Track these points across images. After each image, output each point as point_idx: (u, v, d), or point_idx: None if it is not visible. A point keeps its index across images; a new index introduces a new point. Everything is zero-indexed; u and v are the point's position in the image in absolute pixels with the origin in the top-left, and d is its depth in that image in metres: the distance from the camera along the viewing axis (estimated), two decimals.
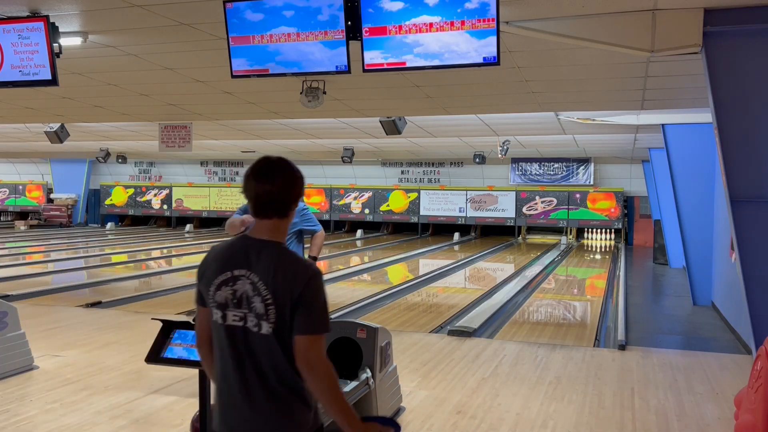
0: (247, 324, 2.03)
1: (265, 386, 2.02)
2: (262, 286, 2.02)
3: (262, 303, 2.01)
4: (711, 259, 9.54)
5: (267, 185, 2.06)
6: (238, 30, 4.64)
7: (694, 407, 4.92)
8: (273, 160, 2.10)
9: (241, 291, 2.04)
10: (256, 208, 2.08)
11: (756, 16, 4.29)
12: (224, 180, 25.05)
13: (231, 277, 2.06)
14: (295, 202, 2.12)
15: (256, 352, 2.03)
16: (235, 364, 2.05)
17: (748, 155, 4.42)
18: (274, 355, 2.02)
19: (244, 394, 2.03)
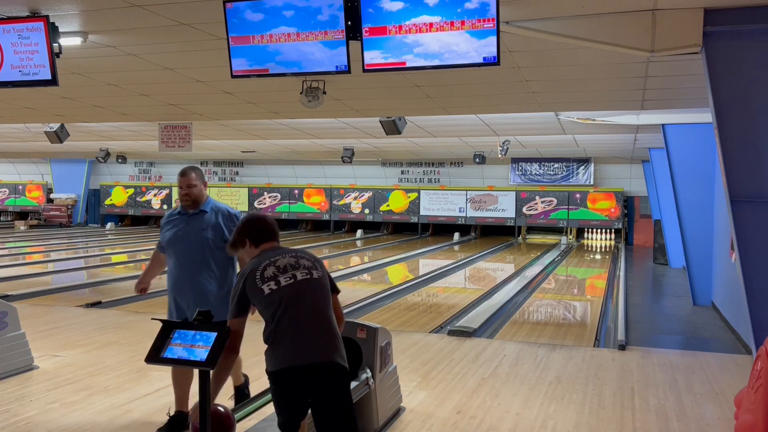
0: (299, 277, 3.04)
1: (322, 316, 3.04)
2: (302, 255, 3.17)
3: (307, 260, 3.14)
4: (711, 259, 9.54)
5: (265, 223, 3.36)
6: (238, 30, 4.63)
7: (694, 407, 4.92)
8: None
9: (283, 263, 3.09)
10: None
11: (756, 16, 4.29)
12: (224, 180, 25.05)
13: (270, 262, 3.08)
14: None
15: (310, 292, 3.05)
16: (297, 308, 2.99)
17: (748, 155, 4.41)
18: (325, 295, 3.10)
19: (308, 326, 2.99)
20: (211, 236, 4.14)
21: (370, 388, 4.10)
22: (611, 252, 18.76)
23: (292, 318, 2.97)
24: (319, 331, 3.00)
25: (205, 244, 4.14)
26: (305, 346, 2.96)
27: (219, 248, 4.14)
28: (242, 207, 24.67)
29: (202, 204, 4.23)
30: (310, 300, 3.03)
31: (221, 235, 4.16)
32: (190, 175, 4.18)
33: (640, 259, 16.90)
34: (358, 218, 23.56)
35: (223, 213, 4.23)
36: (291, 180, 24.35)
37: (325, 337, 3.00)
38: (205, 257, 4.15)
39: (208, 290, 4.13)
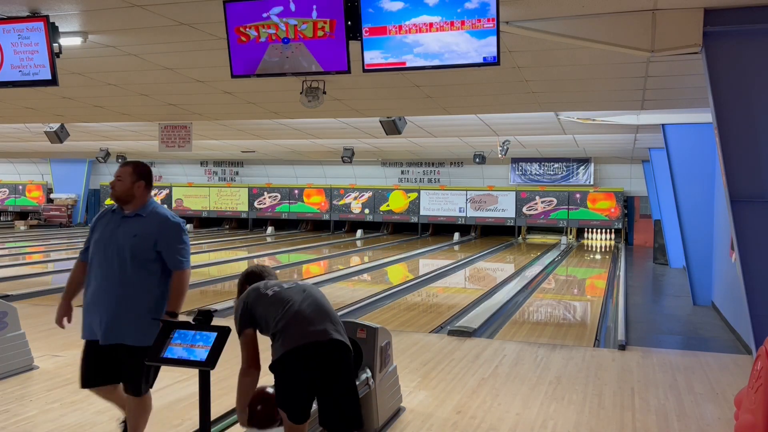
0: (299, 282, 3.45)
1: (324, 307, 3.37)
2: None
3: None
4: (711, 259, 9.54)
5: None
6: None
7: (694, 407, 4.92)
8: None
9: (283, 282, 3.49)
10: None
11: (756, 16, 4.29)
12: (224, 180, 25.05)
13: (271, 283, 3.49)
14: None
15: (314, 291, 3.43)
16: (302, 301, 3.30)
17: (748, 155, 4.41)
18: (325, 297, 3.45)
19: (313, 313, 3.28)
20: (142, 244, 3.50)
21: (370, 388, 4.10)
22: (611, 252, 18.76)
23: (295, 312, 3.22)
24: (320, 318, 3.24)
25: (134, 253, 3.48)
26: (306, 329, 3.17)
27: (151, 260, 3.51)
28: (242, 207, 24.68)
29: (140, 207, 3.60)
30: (311, 295, 3.35)
31: (154, 245, 3.51)
32: (122, 169, 3.62)
33: (640, 259, 16.90)
34: (358, 218, 23.55)
35: (162, 220, 3.58)
36: (291, 180, 24.34)
37: (326, 323, 3.24)
38: (133, 269, 3.48)
39: (130, 309, 3.47)
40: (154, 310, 3.50)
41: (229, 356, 3.12)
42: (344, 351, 3.24)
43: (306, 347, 3.14)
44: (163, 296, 3.55)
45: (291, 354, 3.14)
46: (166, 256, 3.53)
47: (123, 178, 3.59)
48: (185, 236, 3.61)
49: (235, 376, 3.27)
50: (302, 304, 3.28)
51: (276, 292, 3.35)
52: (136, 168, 3.63)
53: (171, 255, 3.53)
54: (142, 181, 3.61)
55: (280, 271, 13.95)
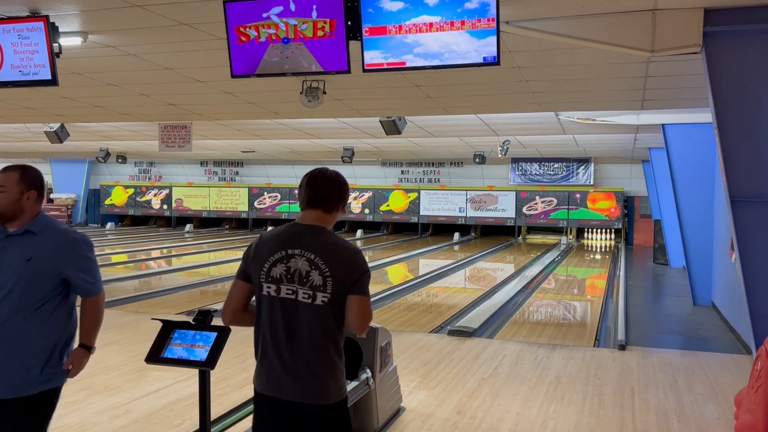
0: (299, 297, 2.36)
1: (305, 352, 2.34)
2: (320, 262, 2.36)
3: (319, 275, 2.35)
4: (711, 259, 9.54)
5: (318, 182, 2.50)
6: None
7: (694, 407, 4.92)
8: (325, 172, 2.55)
9: (295, 267, 2.38)
10: (309, 201, 2.48)
11: (756, 16, 4.29)
12: (224, 180, 25.05)
13: (285, 255, 2.40)
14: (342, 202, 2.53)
15: (304, 323, 2.35)
16: (284, 332, 2.36)
17: (748, 155, 4.41)
18: (322, 325, 2.35)
19: (288, 358, 2.35)
20: (39, 270, 2.72)
21: (370, 388, 4.10)
22: (611, 252, 18.76)
23: (273, 336, 2.39)
24: (294, 364, 2.35)
25: (28, 280, 2.71)
26: (276, 375, 2.37)
27: (49, 290, 2.75)
28: (242, 207, 24.68)
29: (30, 222, 2.80)
30: (298, 327, 2.37)
31: (55, 269, 2.75)
32: (4, 176, 2.80)
33: (640, 259, 16.90)
34: (358, 218, 23.55)
35: (61, 237, 2.82)
36: (291, 180, 24.34)
37: (301, 372, 2.34)
38: (25, 300, 2.71)
39: (22, 350, 2.73)
40: (56, 348, 2.83)
41: (229, 356, 3.12)
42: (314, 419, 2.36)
43: (266, 400, 2.41)
44: (64, 330, 2.84)
45: (256, 398, 2.47)
46: (74, 281, 2.79)
47: (7, 188, 2.77)
48: (93, 254, 2.89)
49: (235, 376, 3.26)
50: (279, 334, 2.39)
51: (269, 295, 2.42)
52: (25, 174, 2.83)
53: (80, 279, 2.80)
54: (33, 191, 2.82)
55: None
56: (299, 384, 2.33)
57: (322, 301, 2.33)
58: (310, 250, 2.38)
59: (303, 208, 2.48)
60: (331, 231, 2.47)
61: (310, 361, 2.34)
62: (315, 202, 2.46)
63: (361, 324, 2.37)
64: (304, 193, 2.49)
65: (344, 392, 2.43)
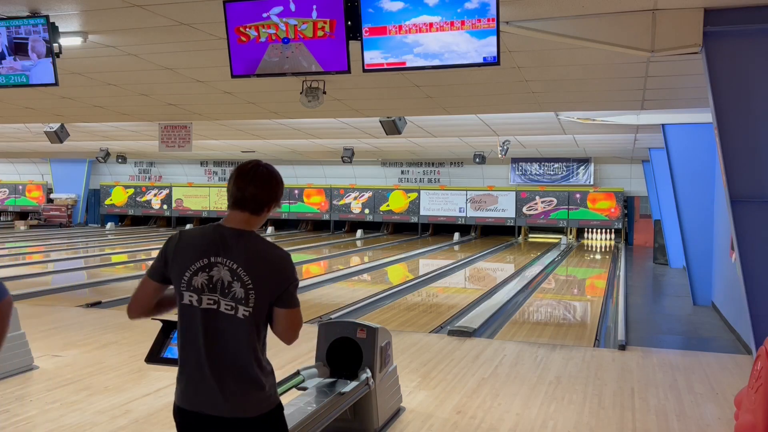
0: (220, 308, 2.20)
1: (228, 366, 2.20)
2: (242, 273, 2.19)
3: (242, 288, 2.19)
4: (711, 259, 9.54)
5: (249, 183, 2.26)
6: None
7: (694, 407, 4.92)
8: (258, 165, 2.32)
9: (218, 277, 2.21)
10: (236, 201, 2.27)
11: (756, 16, 4.29)
12: (224, 180, 25.02)
13: (208, 263, 2.22)
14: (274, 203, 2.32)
15: (226, 334, 2.20)
16: (206, 345, 2.21)
17: (748, 155, 4.42)
18: (243, 338, 2.20)
19: (210, 371, 2.20)
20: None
21: (369, 388, 4.10)
22: (611, 252, 18.76)
23: (194, 347, 2.25)
24: (216, 378, 2.21)
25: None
26: (198, 389, 2.24)
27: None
28: None
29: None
30: (219, 340, 2.22)
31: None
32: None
33: (640, 259, 16.90)
34: (358, 218, 23.55)
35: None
36: (291, 180, 24.34)
37: (224, 386, 2.20)
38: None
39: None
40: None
41: None
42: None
43: (187, 414, 2.29)
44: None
45: (177, 412, 2.35)
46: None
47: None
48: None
49: None
50: (199, 347, 2.24)
51: (189, 304, 2.26)
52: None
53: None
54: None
55: None
56: (221, 397, 2.19)
57: (244, 314, 2.19)
58: (233, 258, 2.20)
59: (230, 207, 2.29)
60: (257, 235, 2.27)
61: (231, 375, 2.20)
62: (242, 203, 2.25)
63: (290, 337, 2.27)
64: (232, 189, 2.27)
65: (270, 403, 2.25)
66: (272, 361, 2.31)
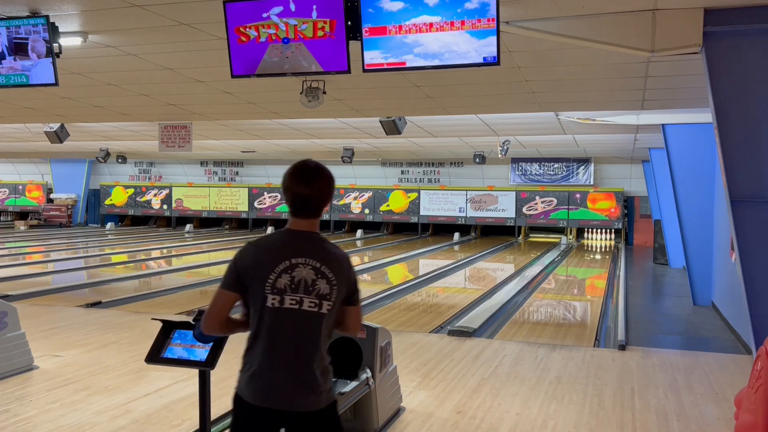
0: (303, 306, 2.31)
1: (306, 362, 2.31)
2: (326, 270, 2.33)
3: (326, 284, 2.33)
4: (711, 259, 9.54)
5: (306, 189, 2.35)
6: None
7: (694, 407, 4.92)
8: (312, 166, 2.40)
9: (300, 276, 2.31)
10: (296, 210, 2.37)
11: (756, 16, 4.29)
12: (224, 180, 25.04)
13: (290, 265, 2.32)
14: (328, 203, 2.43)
15: (305, 331, 2.32)
16: (285, 343, 2.31)
17: (748, 155, 4.41)
18: (319, 334, 2.34)
19: (286, 368, 2.30)
20: None
21: (370, 388, 4.10)
22: (611, 252, 18.76)
23: (272, 346, 2.33)
24: (292, 374, 2.32)
25: None
26: (272, 385, 2.32)
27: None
28: (242, 207, 24.68)
29: None
30: (301, 337, 2.33)
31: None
32: None
33: (640, 259, 16.90)
34: (358, 218, 23.55)
35: None
36: None
37: (299, 382, 2.32)
38: None
39: None
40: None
41: (229, 356, 3.12)
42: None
43: (261, 411, 2.33)
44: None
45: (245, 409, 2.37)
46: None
47: None
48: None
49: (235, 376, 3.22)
50: (279, 345, 2.33)
51: (273, 307, 2.35)
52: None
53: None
54: None
55: None
56: (299, 394, 2.30)
57: (327, 309, 2.32)
58: (314, 258, 2.32)
59: (291, 214, 2.37)
60: (323, 236, 2.40)
61: (312, 370, 2.31)
62: (306, 209, 2.36)
63: (357, 331, 2.54)
64: (293, 199, 2.35)
65: (331, 396, 2.41)
66: None
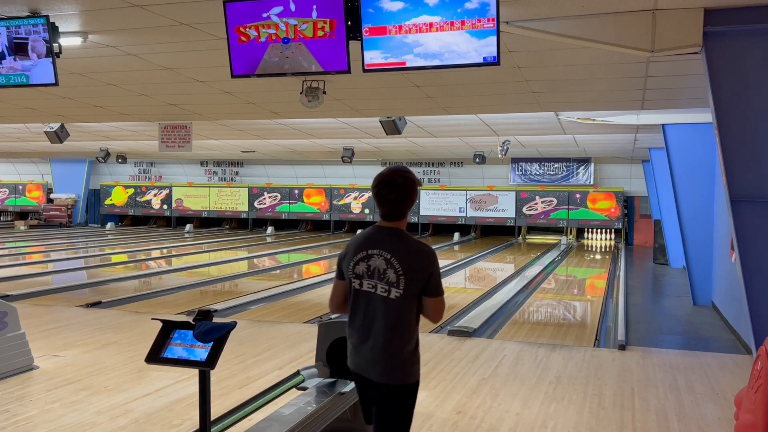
0: (377, 291, 2.74)
1: (381, 338, 2.74)
2: (395, 262, 2.72)
3: (394, 273, 2.72)
4: (711, 259, 9.54)
5: (384, 191, 2.76)
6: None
7: (694, 407, 4.92)
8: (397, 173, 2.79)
9: (374, 265, 2.75)
10: (383, 214, 2.80)
11: (756, 16, 4.29)
12: (224, 180, 25.04)
13: (366, 255, 2.76)
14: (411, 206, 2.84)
15: (380, 311, 2.74)
16: (364, 320, 2.77)
17: (748, 155, 4.41)
18: (394, 315, 2.74)
19: (368, 342, 2.76)
20: None
21: None
22: (611, 252, 18.76)
23: (357, 322, 2.82)
24: (372, 347, 2.77)
25: None
26: (360, 355, 2.81)
27: None
28: (242, 207, 24.69)
29: None
30: (376, 317, 2.76)
31: None
32: None
33: (640, 259, 16.90)
34: (358, 218, 23.55)
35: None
36: (291, 180, 24.35)
37: (377, 355, 2.77)
38: None
39: None
40: None
41: (229, 356, 3.12)
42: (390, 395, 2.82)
43: (356, 376, 2.89)
44: None
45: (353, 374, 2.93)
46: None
47: None
48: None
49: (235, 376, 3.23)
50: (361, 321, 2.82)
51: (354, 289, 2.84)
52: None
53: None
54: None
55: (279, 271, 13.96)
56: (376, 365, 2.74)
57: (396, 295, 2.71)
58: (387, 250, 2.73)
59: (381, 215, 2.82)
60: (406, 233, 2.80)
61: (385, 347, 2.72)
62: (389, 217, 2.79)
63: (435, 320, 2.92)
64: (376, 201, 2.80)
65: (415, 377, 2.83)
66: (272, 360, 2.32)
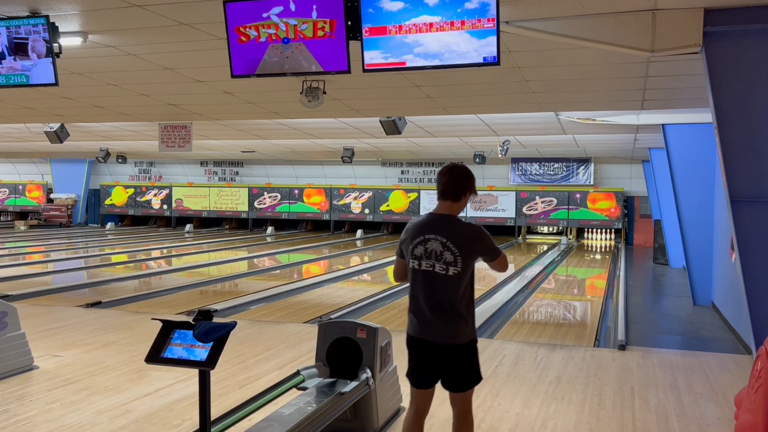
0: (435, 269, 3.19)
1: (443, 308, 3.20)
2: (450, 245, 3.15)
3: (450, 254, 3.16)
4: (711, 259, 9.54)
5: (443, 179, 3.25)
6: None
7: (694, 407, 4.92)
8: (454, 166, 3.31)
9: (431, 248, 3.19)
10: (440, 193, 3.26)
11: (756, 16, 4.29)
12: (224, 180, 25.04)
13: (423, 239, 3.21)
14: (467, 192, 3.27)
15: (439, 286, 3.19)
16: (425, 294, 3.22)
17: (748, 155, 4.41)
18: (452, 289, 3.19)
19: (430, 312, 3.22)
20: None
21: (370, 388, 4.10)
22: (611, 252, 18.75)
23: (419, 296, 3.25)
24: (435, 316, 3.22)
25: None
26: (424, 324, 3.26)
27: None
28: (242, 207, 24.69)
29: None
30: (436, 291, 3.21)
31: None
32: None
33: (640, 259, 16.90)
34: (358, 218, 23.55)
35: None
36: (291, 180, 24.35)
37: (440, 323, 3.23)
38: None
39: None
40: None
41: (229, 356, 3.12)
42: (453, 352, 3.29)
43: (415, 341, 3.33)
44: None
45: (410, 340, 3.37)
46: None
47: None
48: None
49: (235, 376, 3.24)
50: (425, 295, 3.26)
51: (413, 268, 3.29)
52: None
53: None
54: None
55: (280, 271, 13.96)
56: (437, 329, 3.20)
57: (454, 273, 3.17)
58: (442, 234, 3.16)
59: (438, 198, 3.25)
60: (457, 218, 3.23)
61: (445, 314, 3.18)
62: (444, 194, 3.22)
63: (503, 271, 3.51)
64: (438, 185, 3.25)
65: (473, 335, 3.31)
66: (272, 360, 2.31)
